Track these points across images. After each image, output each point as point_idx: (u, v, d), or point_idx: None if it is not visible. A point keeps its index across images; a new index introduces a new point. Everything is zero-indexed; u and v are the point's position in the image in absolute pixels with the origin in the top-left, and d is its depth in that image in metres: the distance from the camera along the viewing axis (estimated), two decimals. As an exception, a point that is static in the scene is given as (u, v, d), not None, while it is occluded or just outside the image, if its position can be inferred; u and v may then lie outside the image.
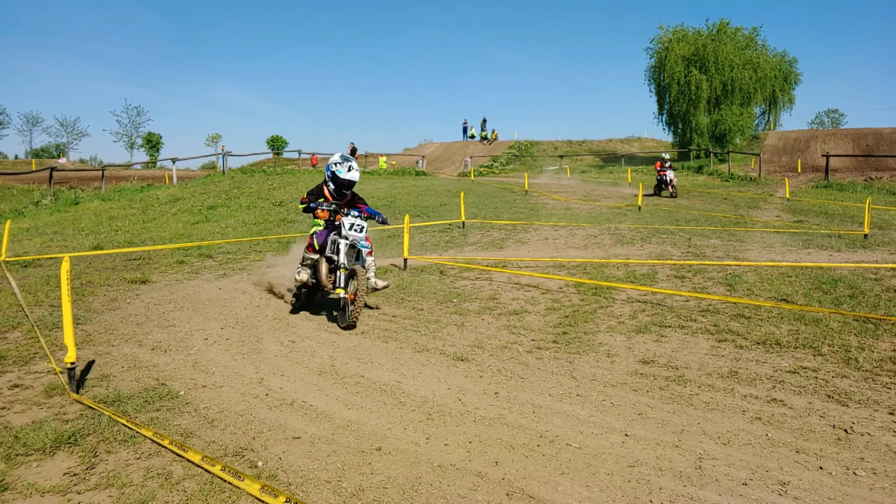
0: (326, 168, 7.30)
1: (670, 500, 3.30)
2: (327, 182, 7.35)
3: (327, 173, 7.29)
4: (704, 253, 11.14)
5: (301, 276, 7.22)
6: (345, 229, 7.02)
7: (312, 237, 7.24)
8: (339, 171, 7.18)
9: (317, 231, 7.27)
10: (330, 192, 7.36)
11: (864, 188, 25.80)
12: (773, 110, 48.51)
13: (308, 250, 7.25)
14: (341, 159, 7.29)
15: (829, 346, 5.87)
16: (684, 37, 45.20)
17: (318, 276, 7.09)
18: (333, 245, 7.15)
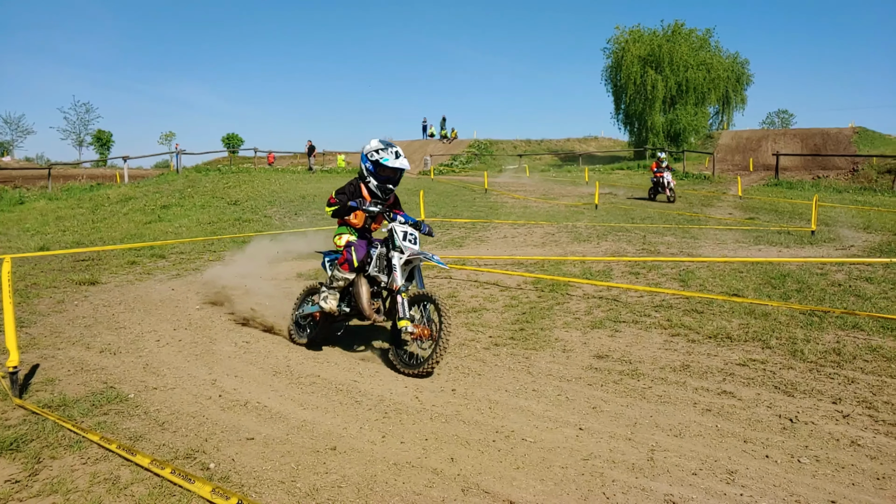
0: (363, 159, 5.81)
1: (623, 491, 3.34)
2: (365, 177, 5.78)
3: (364, 165, 5.78)
4: (659, 250, 11.35)
5: (328, 304, 5.67)
6: (398, 239, 5.56)
7: (350, 251, 5.62)
8: (384, 160, 5.62)
9: (353, 242, 5.69)
10: (371, 189, 5.78)
11: (811, 186, 26.63)
12: (726, 110, 49.77)
13: (342, 268, 5.63)
14: (383, 144, 5.75)
15: (777, 339, 6.03)
16: (640, 37, 46.01)
17: (357, 303, 5.60)
18: (380, 261, 5.72)
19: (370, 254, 5.72)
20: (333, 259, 5.98)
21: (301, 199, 19.24)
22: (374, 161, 5.70)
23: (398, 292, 5.45)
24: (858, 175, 28.15)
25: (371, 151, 5.75)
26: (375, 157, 5.70)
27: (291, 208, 17.58)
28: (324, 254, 6.31)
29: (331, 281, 5.75)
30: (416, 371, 5.27)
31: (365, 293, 5.60)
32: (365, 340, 6.31)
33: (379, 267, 5.71)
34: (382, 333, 6.52)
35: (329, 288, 5.76)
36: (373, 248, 5.78)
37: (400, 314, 5.36)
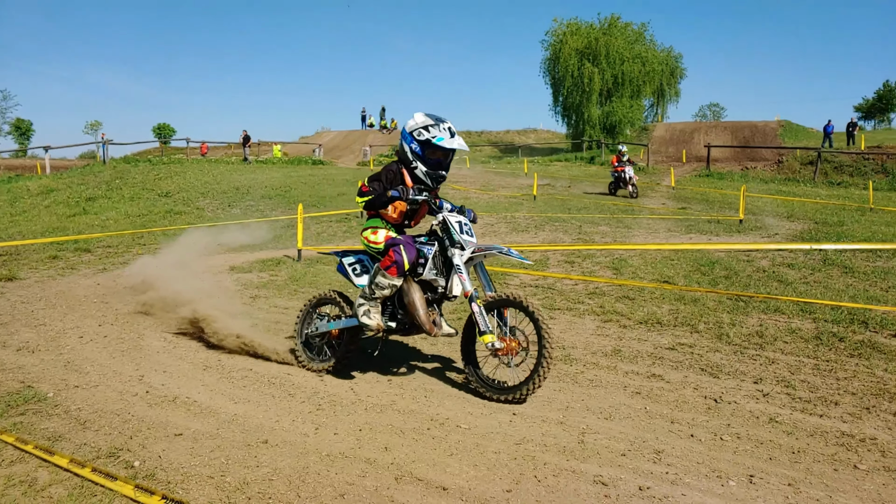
0: (405, 139, 4.73)
1: (554, 474, 3.40)
2: (410, 161, 4.73)
3: (409, 146, 4.70)
4: (594, 239, 11.59)
5: (372, 320, 4.64)
6: (455, 232, 4.59)
7: (399, 251, 4.52)
8: (437, 139, 4.60)
9: (398, 240, 4.62)
10: (418, 176, 4.74)
11: (740, 177, 27.72)
12: (660, 103, 51.20)
13: (388, 273, 4.53)
14: (432, 119, 4.68)
15: (705, 324, 6.25)
16: (578, 30, 46.71)
17: (412, 314, 4.60)
18: (436, 261, 4.69)
19: (424, 254, 4.66)
20: (359, 261, 4.98)
21: (235, 191, 18.79)
22: (424, 141, 4.62)
23: (470, 299, 4.49)
24: (783, 166, 29.44)
25: (417, 129, 4.67)
26: (425, 136, 4.61)
27: (225, 200, 17.16)
28: (338, 254, 5.23)
29: (371, 291, 4.63)
30: (510, 397, 4.37)
31: (421, 301, 4.61)
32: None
33: (436, 268, 4.68)
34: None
35: (369, 299, 4.67)
36: (423, 245, 4.71)
37: (480, 327, 4.41)
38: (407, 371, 5.15)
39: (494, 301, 4.51)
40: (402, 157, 4.81)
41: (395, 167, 4.77)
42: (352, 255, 5.08)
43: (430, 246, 4.70)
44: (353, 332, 4.99)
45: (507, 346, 4.44)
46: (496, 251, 4.57)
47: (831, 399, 4.48)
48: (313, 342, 5.22)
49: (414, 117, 4.76)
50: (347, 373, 5.05)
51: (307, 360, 5.14)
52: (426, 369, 5.20)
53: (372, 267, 4.89)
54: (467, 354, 4.67)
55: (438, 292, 4.70)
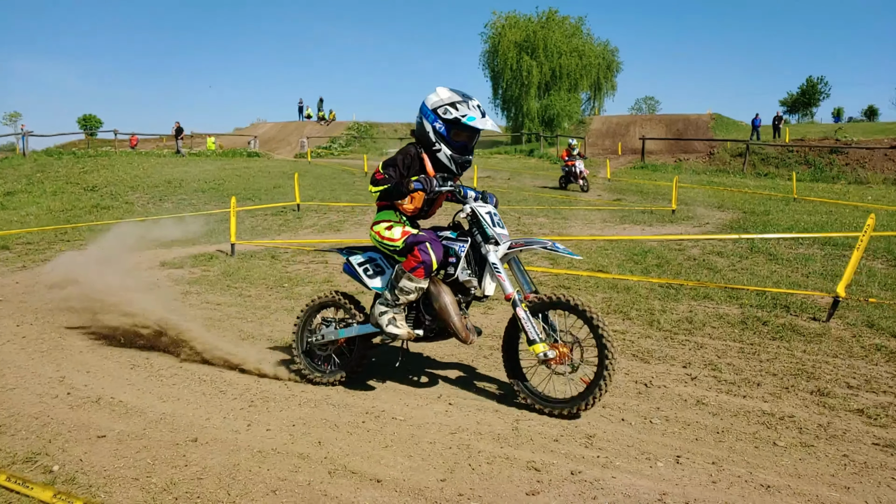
0: (427, 117, 4.16)
1: (488, 461, 3.42)
2: (432, 143, 4.15)
3: (432, 125, 4.13)
4: (532, 230, 11.74)
5: (401, 329, 4.15)
6: (487, 225, 4.12)
7: (426, 249, 4.00)
8: (468, 118, 4.07)
9: (422, 236, 4.12)
10: (441, 161, 4.19)
11: (674, 168, 28.57)
12: (597, 96, 52.18)
13: (413, 274, 4.02)
14: (459, 95, 4.16)
15: (637, 311, 6.40)
16: (516, 23, 47.13)
17: (444, 320, 4.10)
18: (469, 260, 4.18)
19: (456, 251, 4.13)
20: (370, 260, 4.46)
21: (167, 184, 18.20)
22: (451, 120, 4.07)
23: (514, 303, 4.02)
24: (714, 158, 30.50)
25: (443, 105, 4.10)
26: (453, 115, 4.06)
27: (156, 194, 16.60)
28: (343, 252, 4.66)
29: (395, 296, 4.11)
30: (567, 411, 3.94)
31: (453, 306, 4.08)
32: (235, 331, 6.05)
33: (469, 266, 4.17)
34: (252, 324, 6.28)
35: (392, 305, 4.17)
36: (452, 242, 4.18)
37: (529, 335, 3.95)
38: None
39: (541, 303, 4.02)
40: (421, 139, 4.22)
41: (414, 150, 4.20)
42: (360, 253, 4.52)
43: (462, 243, 4.14)
44: (365, 340, 4.49)
45: (560, 354, 3.97)
46: (538, 246, 4.06)
47: (754, 380, 4.65)
48: (320, 353, 4.65)
49: (437, 92, 4.20)
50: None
51: (311, 372, 4.56)
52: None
53: (386, 266, 4.39)
54: (512, 366, 4.20)
55: (471, 294, 4.21)
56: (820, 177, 25.08)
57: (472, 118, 4.07)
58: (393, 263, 4.35)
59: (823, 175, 25.22)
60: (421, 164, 4.19)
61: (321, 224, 12.62)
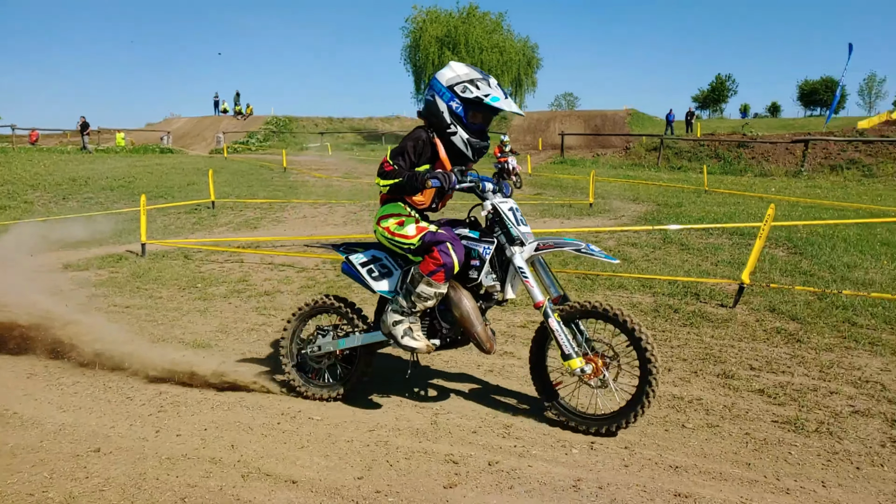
0: (442, 95, 3.73)
1: (406, 456, 3.40)
2: (447, 125, 3.73)
3: (447, 105, 3.71)
4: (454, 224, 11.78)
5: (419, 342, 3.75)
6: (511, 224, 3.75)
7: (445, 251, 3.61)
8: (493, 98, 3.69)
9: (442, 235, 3.70)
10: (461, 144, 3.77)
11: (592, 163, 29.33)
12: (518, 92, 52.86)
13: (433, 279, 3.62)
14: (478, 72, 3.77)
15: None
16: (437, 18, 47.20)
17: (466, 329, 3.72)
18: (493, 261, 3.77)
19: (479, 253, 3.73)
20: (374, 259, 4.00)
21: (71, 182, 17.23)
22: (471, 100, 3.67)
23: (546, 313, 3.66)
24: (630, 152, 31.48)
25: (462, 83, 3.69)
26: (474, 94, 3.66)
27: (59, 192, 15.68)
28: (339, 249, 4.22)
29: (411, 303, 3.70)
30: (607, 428, 3.65)
31: (476, 313, 3.71)
32: (145, 334, 5.78)
33: (493, 271, 3.77)
34: (163, 326, 6.02)
35: (407, 314, 3.75)
36: (474, 242, 3.78)
37: (564, 349, 3.60)
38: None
39: (574, 311, 3.69)
40: (433, 121, 3.77)
41: (426, 136, 3.74)
42: (362, 251, 4.07)
43: (486, 244, 3.74)
44: (368, 350, 4.11)
45: (595, 366, 3.66)
46: (569, 248, 3.66)
47: (665, 366, 4.82)
48: (315, 365, 4.21)
49: (452, 68, 3.78)
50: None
51: (304, 387, 4.16)
52: (278, 365, 5.02)
53: (394, 266, 3.96)
54: (542, 382, 3.89)
55: (493, 300, 3.84)
56: (729, 170, 26.28)
57: (496, 98, 3.68)
58: (401, 263, 3.94)
59: (732, 168, 26.44)
60: (433, 151, 3.76)
61: (237, 221, 12.26)
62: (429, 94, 3.82)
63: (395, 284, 3.90)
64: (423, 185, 3.55)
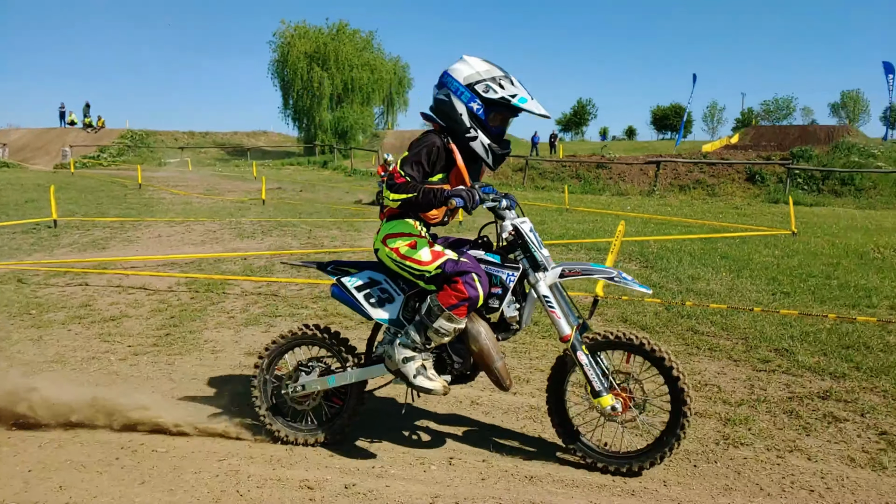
0: (461, 95, 3.31)
1: (258, 485, 3.24)
2: (466, 128, 3.32)
3: (468, 105, 3.30)
4: (323, 243, 11.57)
5: (432, 382, 3.38)
6: (535, 248, 3.38)
7: (471, 283, 3.23)
8: (521, 99, 3.30)
9: (466, 265, 3.29)
10: (481, 150, 3.37)
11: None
12: (390, 111, 53.34)
13: (454, 313, 3.22)
14: (501, 71, 3.37)
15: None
16: (306, 34, 46.69)
17: (484, 365, 3.38)
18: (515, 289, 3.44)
19: (502, 282, 3.36)
20: (371, 283, 3.55)
21: None
22: (496, 100, 3.30)
23: (573, 346, 3.37)
24: (498, 172, 32.49)
25: (483, 82, 3.30)
26: (499, 94, 3.29)
27: None
28: (327, 269, 3.70)
29: (425, 339, 3.32)
30: (638, 466, 3.41)
31: (496, 348, 3.36)
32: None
33: (515, 300, 3.45)
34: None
35: (421, 350, 3.38)
36: (495, 268, 3.39)
37: (595, 386, 3.33)
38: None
39: (600, 343, 3.43)
40: (448, 123, 3.36)
41: (440, 142, 3.33)
42: (356, 273, 3.60)
43: (510, 271, 3.38)
44: (360, 388, 3.70)
45: (624, 403, 3.38)
46: (602, 276, 3.38)
47: (524, 377, 4.95)
48: (298, 407, 3.72)
49: (469, 63, 3.34)
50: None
51: (284, 431, 3.70)
52: (122, 394, 4.64)
53: (396, 292, 3.53)
54: (563, 423, 3.59)
55: (511, 330, 3.50)
56: (588, 189, 27.78)
57: (524, 99, 3.29)
58: (403, 287, 3.52)
59: (591, 187, 27.98)
60: (448, 158, 3.36)
61: (83, 242, 11.33)
62: (441, 93, 3.39)
63: (396, 312, 3.49)
64: (444, 203, 3.17)
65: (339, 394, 3.73)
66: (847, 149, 27.66)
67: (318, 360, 3.73)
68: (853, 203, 22.34)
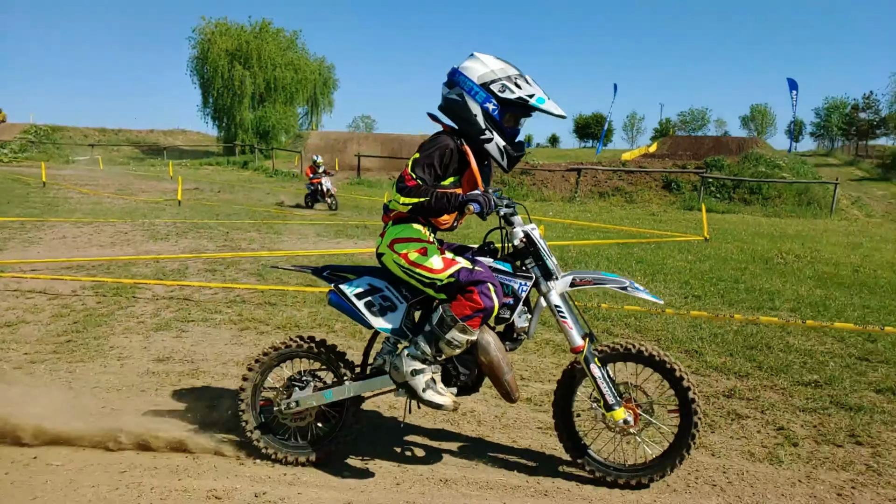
0: (475, 95, 3.17)
1: (161, 497, 3.10)
2: (482, 129, 3.20)
3: (483, 105, 3.18)
4: (241, 246, 11.27)
5: (441, 397, 3.23)
6: (547, 257, 3.29)
7: (486, 293, 3.11)
8: (539, 99, 3.19)
9: (481, 274, 3.16)
10: (496, 152, 3.26)
11: (389, 185, 29.84)
12: (315, 111, 52.61)
13: (469, 324, 3.11)
14: (516, 69, 3.25)
15: (342, 324, 6.46)
16: (227, 31, 45.52)
17: (493, 377, 3.27)
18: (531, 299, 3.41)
19: (514, 291, 3.27)
20: (371, 290, 3.38)
21: None
22: (513, 100, 3.19)
23: (586, 358, 3.29)
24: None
25: (499, 81, 3.18)
26: (516, 94, 3.17)
27: None
28: (323, 274, 3.60)
29: (437, 350, 3.19)
30: (647, 478, 3.38)
31: (506, 359, 3.26)
32: None
33: (529, 312, 3.43)
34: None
35: (432, 362, 3.24)
36: (508, 278, 3.29)
37: (608, 399, 3.28)
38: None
39: (610, 355, 3.39)
40: (463, 126, 3.24)
41: (454, 144, 3.19)
42: (354, 279, 3.45)
43: (523, 280, 3.28)
44: (357, 402, 3.54)
45: (635, 416, 3.35)
46: (615, 285, 3.27)
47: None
48: (292, 423, 3.52)
49: (482, 61, 3.22)
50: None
51: (281, 451, 3.49)
52: (13, 405, 4.35)
53: (398, 299, 3.37)
54: (571, 437, 3.52)
55: (518, 341, 3.41)
56: (513, 194, 28.15)
57: (542, 100, 3.18)
58: (406, 295, 3.38)
59: (516, 194, 28.39)
60: (461, 161, 3.22)
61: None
62: (453, 92, 3.23)
63: (399, 321, 3.34)
64: (460, 208, 3.05)
65: (331, 409, 3.56)
66: (755, 159, 29.26)
67: (312, 374, 3.56)
68: (761, 211, 23.66)
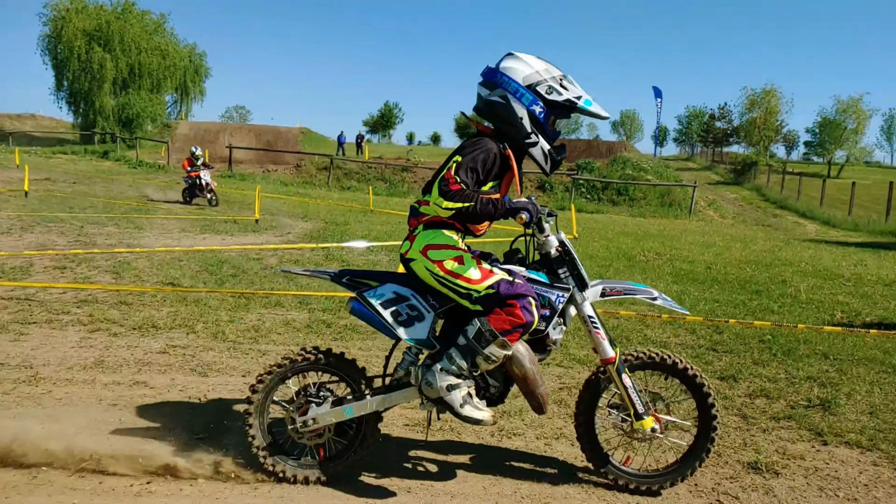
0: (521, 97, 3.01)
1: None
2: (527, 133, 3.05)
3: (530, 108, 3.02)
4: (96, 241, 10.45)
5: (480, 412, 3.07)
6: (581, 267, 3.24)
7: (527, 307, 2.97)
8: (586, 102, 3.07)
9: (521, 287, 3.01)
10: (540, 157, 3.11)
11: (262, 178, 28.87)
12: (185, 100, 49.99)
13: (508, 338, 2.95)
14: (559, 70, 3.11)
15: (204, 323, 6.10)
16: (85, 9, 42.22)
17: (526, 390, 3.11)
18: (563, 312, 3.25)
19: (551, 303, 3.15)
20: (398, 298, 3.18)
21: None
22: (560, 103, 3.06)
23: (618, 368, 3.21)
24: (301, 170, 31.79)
25: (545, 83, 3.04)
26: (564, 96, 3.06)
27: None
28: (343, 281, 3.35)
29: (473, 365, 3.01)
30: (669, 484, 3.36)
31: (539, 372, 3.11)
32: None
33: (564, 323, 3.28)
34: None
35: (467, 377, 3.07)
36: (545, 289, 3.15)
37: (638, 409, 3.23)
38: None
39: (637, 364, 3.35)
40: (505, 129, 3.09)
41: (497, 148, 3.03)
42: (380, 288, 3.23)
43: (560, 291, 3.17)
44: (377, 417, 3.33)
45: (660, 424, 3.32)
46: (644, 296, 3.26)
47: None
48: (304, 440, 3.29)
49: (526, 61, 3.08)
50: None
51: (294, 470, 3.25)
52: None
53: (426, 309, 3.17)
54: (591, 444, 3.42)
55: (548, 352, 3.28)
56: (394, 192, 28.17)
57: (589, 102, 3.09)
58: (433, 304, 3.18)
59: (396, 190, 28.41)
60: (503, 166, 3.07)
61: None
62: (496, 94, 3.09)
63: (426, 331, 3.14)
64: (510, 215, 2.93)
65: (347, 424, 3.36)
66: (623, 163, 31.00)
67: (326, 388, 3.35)
68: (627, 211, 25.06)
